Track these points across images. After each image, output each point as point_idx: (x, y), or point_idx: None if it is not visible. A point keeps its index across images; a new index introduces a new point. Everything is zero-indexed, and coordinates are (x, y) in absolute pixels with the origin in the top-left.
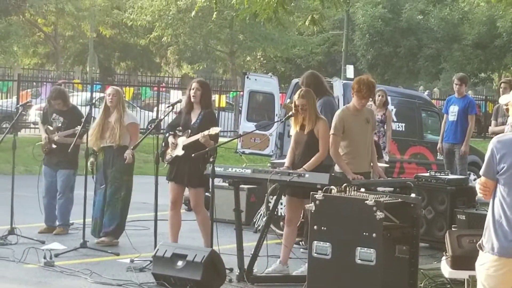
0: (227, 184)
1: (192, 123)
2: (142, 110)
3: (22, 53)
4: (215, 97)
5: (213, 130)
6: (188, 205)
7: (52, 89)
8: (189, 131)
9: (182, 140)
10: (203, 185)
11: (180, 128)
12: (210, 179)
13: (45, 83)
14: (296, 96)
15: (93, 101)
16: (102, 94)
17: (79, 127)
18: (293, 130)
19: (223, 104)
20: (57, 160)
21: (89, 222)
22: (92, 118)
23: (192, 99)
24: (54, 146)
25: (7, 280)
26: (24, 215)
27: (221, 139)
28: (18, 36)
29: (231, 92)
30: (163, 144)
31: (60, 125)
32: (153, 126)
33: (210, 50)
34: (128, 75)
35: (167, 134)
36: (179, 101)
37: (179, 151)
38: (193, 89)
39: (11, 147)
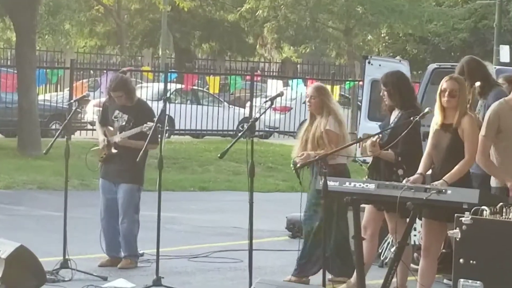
0: None
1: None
2: (230, 107)
3: (76, 32)
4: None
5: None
6: (293, 231)
7: (113, 78)
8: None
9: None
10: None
11: None
12: (322, 195)
13: (105, 71)
14: (445, 80)
15: (168, 95)
16: (179, 86)
17: (149, 124)
18: (432, 127)
19: (336, 97)
20: (117, 171)
21: (166, 252)
22: (166, 116)
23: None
24: (114, 150)
25: None
26: (81, 243)
27: None
28: (70, 11)
29: (347, 82)
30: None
31: (124, 123)
32: (246, 127)
33: (319, 27)
34: (212, 60)
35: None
36: (280, 95)
37: None
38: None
39: (63, 154)
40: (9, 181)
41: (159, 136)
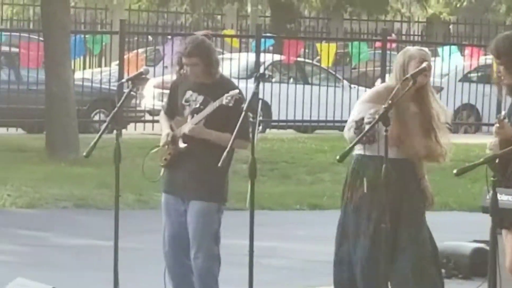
0: None
1: None
2: (352, 87)
3: None
4: None
5: None
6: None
7: (188, 40)
8: None
9: None
10: None
11: None
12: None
13: (169, 36)
14: None
15: (262, 71)
16: (277, 57)
17: (233, 93)
18: None
19: None
20: (187, 181)
21: None
22: (260, 102)
23: None
24: (182, 145)
25: None
26: (138, 285)
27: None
28: None
29: None
30: None
31: (197, 106)
32: (376, 116)
33: None
34: (325, 19)
35: None
36: (425, 69)
37: None
38: None
39: (112, 158)
40: (34, 197)
41: (251, 130)
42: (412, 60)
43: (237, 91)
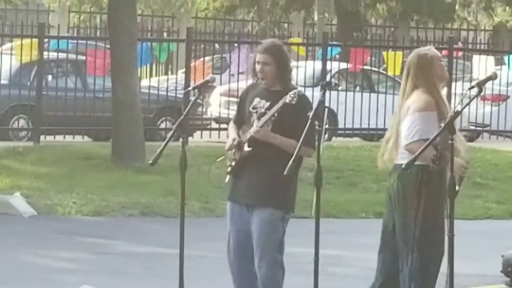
0: None
1: None
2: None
3: None
4: None
5: None
6: None
7: (267, 40)
8: None
9: None
10: None
11: None
12: None
13: (236, 44)
14: None
15: (328, 79)
16: (343, 65)
17: (296, 91)
18: None
19: None
20: (252, 188)
21: None
22: (326, 110)
23: None
24: (247, 149)
25: None
26: None
27: None
28: None
29: None
30: None
31: (263, 111)
32: (442, 124)
33: None
34: (392, 27)
35: None
36: (492, 78)
37: None
38: None
39: (178, 166)
40: (100, 205)
41: (317, 138)
42: (436, 60)
43: (300, 89)
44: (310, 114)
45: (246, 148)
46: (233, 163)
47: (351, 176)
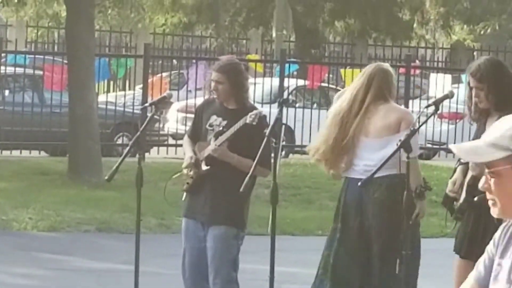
0: None
1: None
2: None
3: (152, 4)
4: None
5: None
6: None
7: (222, 59)
8: None
9: None
10: None
11: None
12: None
13: (194, 60)
14: None
15: (285, 96)
16: (301, 82)
17: (256, 112)
18: None
19: None
20: (207, 206)
21: None
22: (283, 127)
23: None
24: (205, 167)
25: None
26: None
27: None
28: None
29: None
30: None
31: (220, 129)
32: (399, 142)
33: None
34: (349, 45)
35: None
36: (449, 96)
37: None
38: None
39: (134, 182)
40: (56, 220)
41: (273, 155)
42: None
43: (261, 110)
44: (267, 131)
45: (204, 166)
46: (190, 181)
47: (307, 193)
